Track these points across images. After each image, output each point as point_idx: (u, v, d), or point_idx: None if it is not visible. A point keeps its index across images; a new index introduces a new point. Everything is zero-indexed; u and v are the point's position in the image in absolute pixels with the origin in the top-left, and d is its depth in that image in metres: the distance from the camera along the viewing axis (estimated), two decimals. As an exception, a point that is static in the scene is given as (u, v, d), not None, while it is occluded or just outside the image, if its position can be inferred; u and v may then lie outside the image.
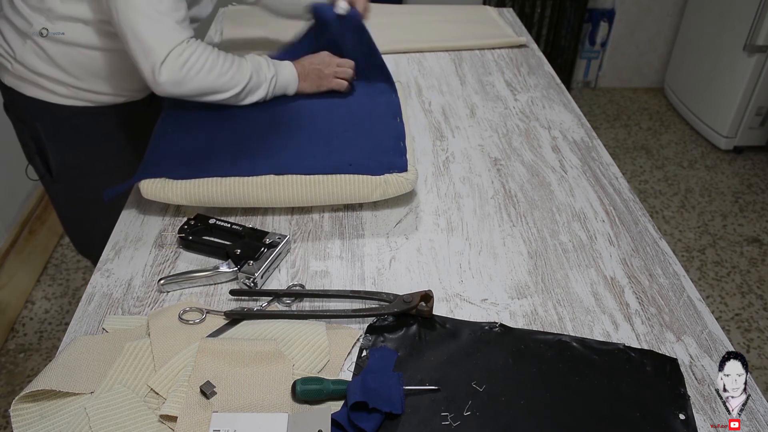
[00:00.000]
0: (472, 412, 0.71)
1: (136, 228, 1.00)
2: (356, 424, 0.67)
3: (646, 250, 0.97)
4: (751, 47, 2.62)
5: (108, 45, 1.11)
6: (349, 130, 1.12)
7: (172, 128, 1.11)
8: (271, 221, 1.02)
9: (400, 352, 0.78)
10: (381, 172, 1.00)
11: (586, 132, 1.29)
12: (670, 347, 0.80)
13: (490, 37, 1.69)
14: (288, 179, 0.98)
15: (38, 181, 1.30)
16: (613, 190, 1.10)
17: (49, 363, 0.74)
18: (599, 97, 3.41)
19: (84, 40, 1.09)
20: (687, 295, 0.88)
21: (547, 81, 1.50)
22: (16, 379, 1.78)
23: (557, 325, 0.83)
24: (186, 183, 0.97)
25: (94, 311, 0.85)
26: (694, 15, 3.07)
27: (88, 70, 1.14)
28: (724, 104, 2.83)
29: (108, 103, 1.21)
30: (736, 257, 2.29)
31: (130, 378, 0.73)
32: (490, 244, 0.97)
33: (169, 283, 0.88)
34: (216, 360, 0.73)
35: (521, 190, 1.10)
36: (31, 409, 0.70)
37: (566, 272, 0.92)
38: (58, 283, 2.12)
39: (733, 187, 2.68)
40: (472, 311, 0.85)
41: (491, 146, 1.23)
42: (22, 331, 1.94)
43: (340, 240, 0.98)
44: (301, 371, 0.74)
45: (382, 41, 1.63)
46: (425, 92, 1.43)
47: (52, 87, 1.15)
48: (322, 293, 0.86)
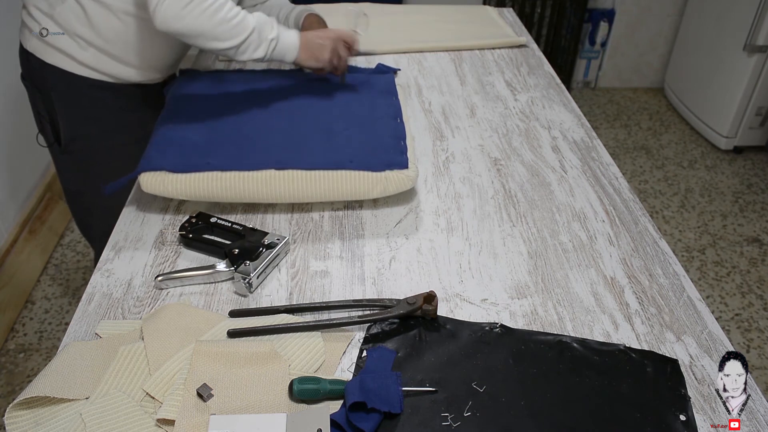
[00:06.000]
0: (472, 412, 0.71)
1: (136, 228, 1.00)
2: (355, 425, 0.67)
3: (646, 250, 0.96)
4: (751, 47, 2.61)
5: (143, 14, 1.13)
6: (350, 128, 1.12)
7: (173, 122, 1.11)
8: (271, 220, 1.02)
9: (401, 352, 0.78)
10: (381, 168, 1.00)
11: (586, 132, 1.29)
12: (670, 347, 0.80)
13: (490, 37, 1.69)
14: (288, 174, 0.98)
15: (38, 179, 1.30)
16: (613, 190, 1.10)
17: (42, 370, 0.73)
18: (599, 97, 3.40)
19: (123, 5, 1.12)
20: (687, 295, 0.88)
21: (547, 81, 1.50)
22: (16, 379, 1.78)
23: (557, 325, 0.83)
24: (186, 177, 0.97)
25: (94, 311, 0.85)
26: (694, 15, 3.07)
27: (121, 35, 1.16)
28: (724, 104, 2.82)
29: (127, 79, 1.23)
30: (736, 257, 2.29)
31: (125, 382, 0.73)
32: (490, 244, 0.97)
33: (166, 280, 0.87)
34: (212, 362, 0.73)
35: (521, 190, 1.10)
36: (26, 417, 0.69)
37: (566, 272, 0.92)
38: (58, 283, 2.12)
39: (733, 187, 2.68)
40: (472, 311, 0.85)
41: (491, 146, 1.23)
42: (22, 331, 1.94)
43: (340, 240, 0.98)
44: (297, 371, 0.74)
45: (382, 41, 1.63)
46: (425, 92, 1.43)
47: (78, 53, 1.16)
48: (324, 306, 0.85)
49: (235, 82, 1.28)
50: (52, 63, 1.18)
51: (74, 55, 1.16)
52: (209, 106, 1.17)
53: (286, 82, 1.29)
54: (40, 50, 1.18)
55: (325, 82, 1.28)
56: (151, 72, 1.26)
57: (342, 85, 1.28)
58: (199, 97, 1.21)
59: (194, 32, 1.04)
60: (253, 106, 1.18)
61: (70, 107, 1.22)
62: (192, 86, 1.26)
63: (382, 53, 1.60)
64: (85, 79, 1.20)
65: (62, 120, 1.23)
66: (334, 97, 1.23)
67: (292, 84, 1.27)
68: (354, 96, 1.25)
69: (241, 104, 1.17)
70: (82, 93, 1.21)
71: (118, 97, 1.24)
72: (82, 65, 1.18)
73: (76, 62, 1.17)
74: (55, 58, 1.17)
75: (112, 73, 1.21)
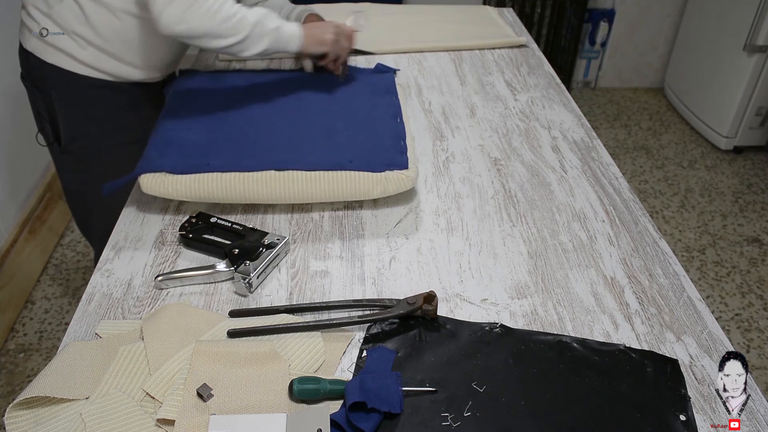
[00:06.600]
0: (472, 412, 0.71)
1: (136, 228, 1.00)
2: (355, 425, 0.67)
3: (646, 250, 0.96)
4: (751, 47, 2.61)
5: (143, 13, 1.13)
6: (349, 128, 1.12)
7: (173, 122, 1.11)
8: (271, 220, 1.02)
9: (401, 352, 0.78)
10: (381, 169, 1.00)
11: (586, 132, 1.29)
12: (670, 347, 0.80)
13: (490, 37, 1.69)
14: (288, 175, 0.98)
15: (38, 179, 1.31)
16: (613, 190, 1.10)
17: (42, 370, 0.73)
18: (599, 97, 3.40)
19: (121, 4, 1.12)
20: (687, 295, 0.88)
21: (547, 81, 1.50)
22: (16, 379, 1.78)
23: (557, 325, 0.83)
24: (186, 178, 0.97)
25: (94, 311, 0.85)
26: (694, 15, 3.07)
27: (120, 34, 1.16)
28: (724, 104, 2.82)
29: (126, 77, 1.23)
30: (736, 257, 2.29)
31: (125, 382, 0.73)
32: (490, 244, 0.97)
33: (166, 280, 0.87)
34: (212, 362, 0.73)
35: (521, 190, 1.10)
36: (26, 417, 0.69)
37: (566, 272, 0.92)
38: (58, 283, 2.12)
39: (733, 187, 2.68)
40: (472, 311, 0.85)
41: (491, 146, 1.23)
42: (22, 331, 1.94)
43: (340, 240, 0.98)
44: (297, 371, 0.74)
45: (382, 41, 1.63)
46: (425, 92, 1.43)
47: (77, 52, 1.16)
48: (323, 306, 0.85)
49: (235, 82, 1.28)
50: (52, 62, 1.18)
51: (74, 54, 1.17)
52: (209, 106, 1.17)
53: (286, 82, 1.29)
54: (39, 50, 1.18)
55: (324, 82, 1.28)
56: (151, 71, 1.26)
57: (342, 85, 1.28)
58: (199, 97, 1.21)
59: (198, 33, 1.05)
60: (253, 106, 1.18)
61: (69, 107, 1.23)
62: (192, 86, 1.26)
63: (382, 53, 1.60)
64: (84, 78, 1.20)
65: (62, 119, 1.23)
66: (334, 97, 1.23)
67: (291, 84, 1.27)
68: (354, 96, 1.25)
69: (240, 104, 1.17)
70: (82, 92, 1.21)
71: (117, 96, 1.25)
72: (81, 64, 1.18)
73: (75, 61, 1.18)
74: (55, 57, 1.17)
75: (111, 72, 1.21)
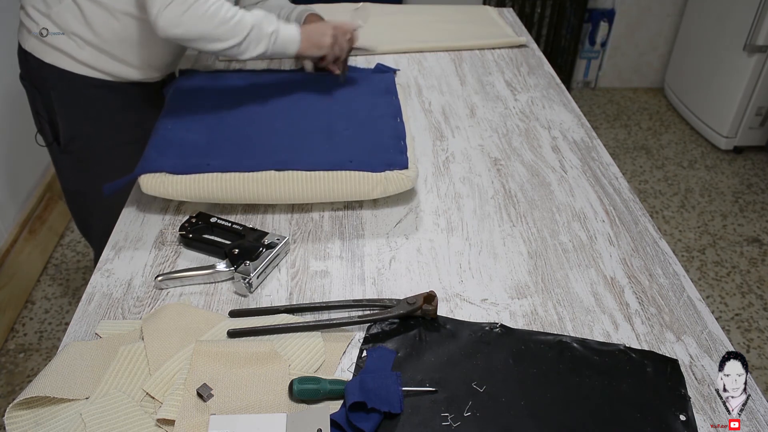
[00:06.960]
0: (472, 412, 0.71)
1: (136, 228, 1.00)
2: (355, 425, 0.67)
3: (646, 250, 0.96)
4: (751, 47, 2.61)
5: (141, 14, 1.13)
6: (349, 128, 1.12)
7: (173, 122, 1.11)
8: (271, 220, 1.02)
9: (401, 352, 0.78)
10: (381, 169, 1.00)
11: (586, 132, 1.29)
12: (670, 347, 0.80)
13: (490, 37, 1.69)
14: (288, 175, 0.98)
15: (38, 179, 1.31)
16: (613, 190, 1.10)
17: (42, 370, 0.73)
18: (599, 97, 3.40)
19: (120, 5, 1.13)
20: (687, 295, 0.88)
21: (547, 81, 1.50)
22: (16, 379, 1.78)
23: (557, 325, 0.83)
24: (186, 178, 0.97)
25: (94, 311, 0.85)
26: (694, 15, 3.07)
27: (119, 34, 1.16)
28: (724, 104, 2.82)
29: (125, 77, 1.23)
30: (736, 257, 2.29)
31: (125, 382, 0.73)
32: (490, 244, 0.97)
33: (166, 280, 0.87)
34: (212, 362, 0.73)
35: (521, 190, 1.10)
36: (26, 417, 0.69)
37: (566, 272, 0.92)
38: (58, 283, 2.12)
39: (733, 187, 2.68)
40: (472, 311, 0.85)
41: (491, 146, 1.23)
42: (22, 331, 1.94)
43: (340, 240, 0.98)
44: (297, 371, 0.74)
45: (382, 41, 1.63)
46: (425, 92, 1.43)
47: (76, 52, 1.16)
48: (323, 306, 0.85)
49: (235, 83, 1.28)
50: (51, 62, 1.18)
51: (73, 54, 1.17)
52: (209, 106, 1.17)
53: (286, 82, 1.29)
54: (38, 50, 1.18)
55: (324, 83, 1.28)
56: (150, 71, 1.26)
57: (342, 85, 1.28)
58: (199, 97, 1.21)
59: (195, 36, 1.05)
60: (253, 106, 1.18)
61: (69, 107, 1.23)
62: (192, 86, 1.26)
63: (381, 53, 1.60)
64: (83, 78, 1.20)
65: (61, 119, 1.23)
66: (334, 97, 1.23)
67: (291, 84, 1.27)
68: (354, 96, 1.24)
69: (240, 104, 1.17)
70: (81, 92, 1.21)
71: (117, 96, 1.25)
72: (80, 64, 1.18)
73: (74, 61, 1.18)
74: (54, 57, 1.17)
75: (110, 72, 1.21)
